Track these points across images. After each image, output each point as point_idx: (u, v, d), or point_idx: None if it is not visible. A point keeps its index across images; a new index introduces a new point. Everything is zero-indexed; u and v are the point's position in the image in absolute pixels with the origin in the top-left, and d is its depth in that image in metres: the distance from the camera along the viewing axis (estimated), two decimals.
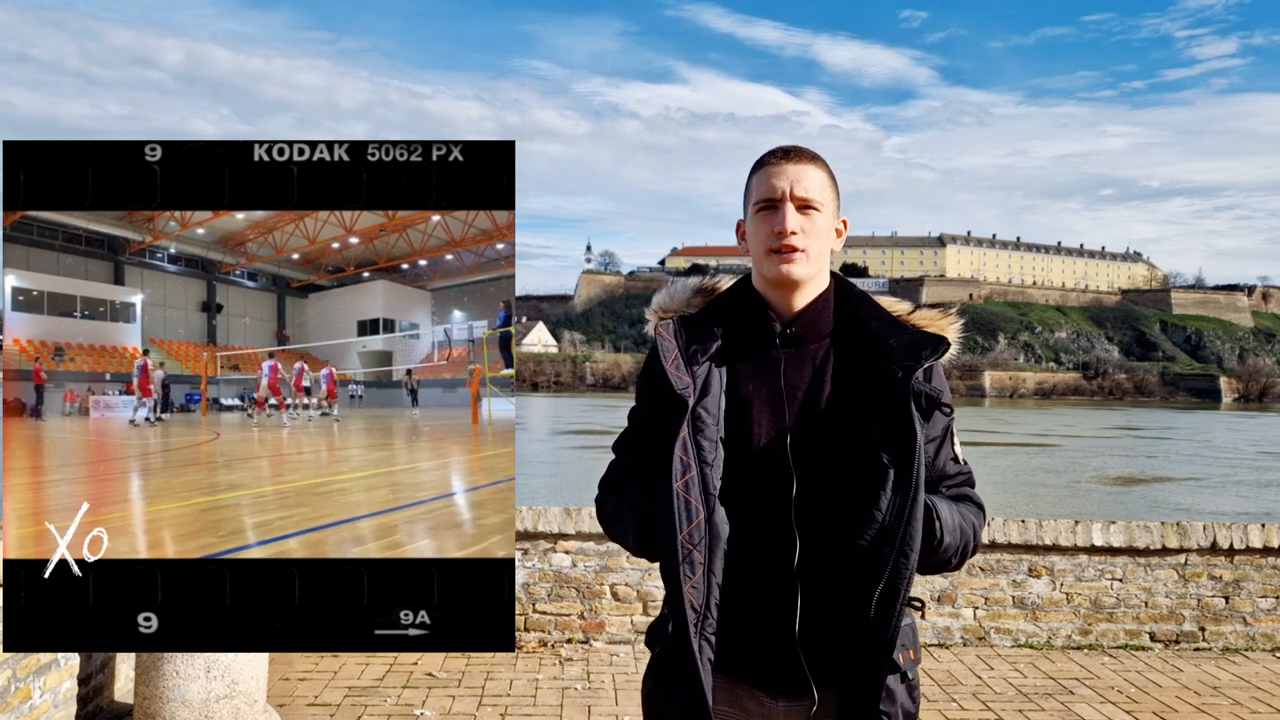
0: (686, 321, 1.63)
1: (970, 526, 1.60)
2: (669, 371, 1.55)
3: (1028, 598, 5.13)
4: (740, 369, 1.58)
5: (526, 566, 4.99)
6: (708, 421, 1.52)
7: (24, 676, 3.15)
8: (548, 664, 4.65)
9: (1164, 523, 5.20)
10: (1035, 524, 5.14)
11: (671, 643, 1.53)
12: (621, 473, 1.72)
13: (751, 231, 1.61)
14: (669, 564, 1.51)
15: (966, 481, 1.65)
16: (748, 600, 1.52)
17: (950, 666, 4.74)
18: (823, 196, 1.59)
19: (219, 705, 3.44)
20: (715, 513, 1.49)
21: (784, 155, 1.59)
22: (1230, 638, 5.18)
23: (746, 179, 1.64)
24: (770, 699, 1.55)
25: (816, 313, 1.60)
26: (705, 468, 1.50)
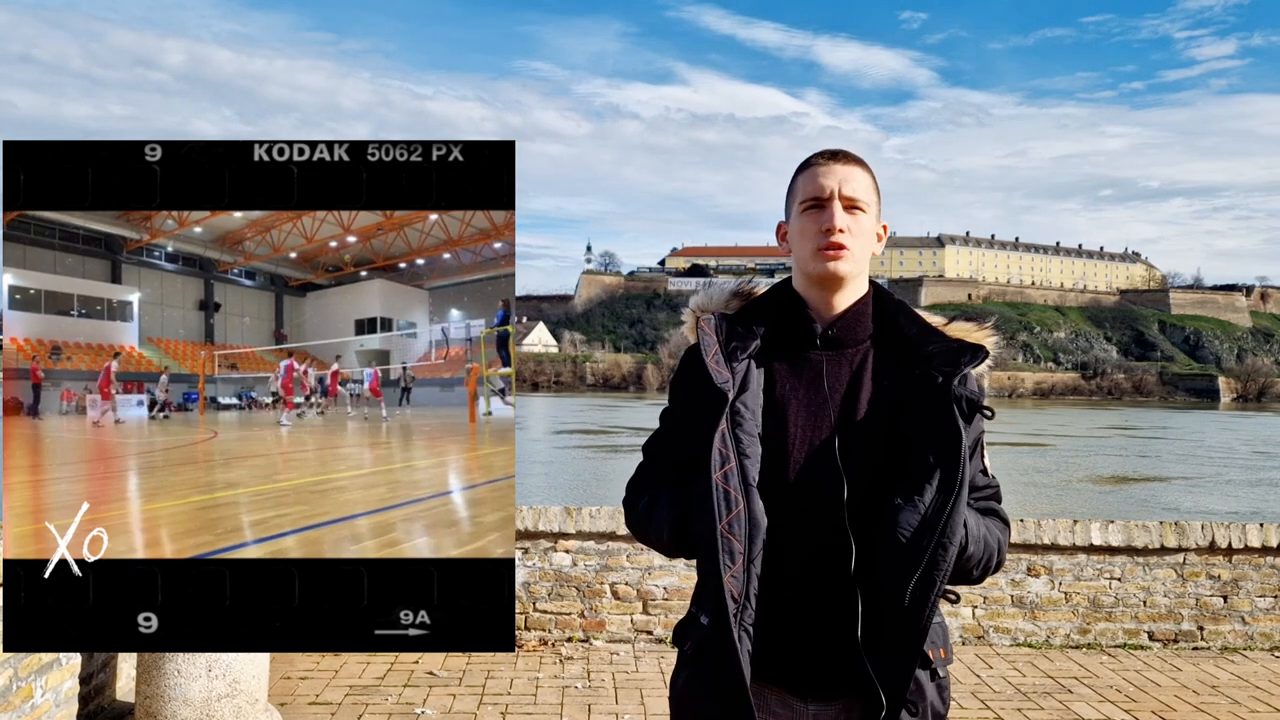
0: (727, 319, 1.63)
1: (995, 540, 1.60)
2: (709, 365, 1.56)
3: (1026, 597, 5.13)
4: (778, 369, 1.59)
5: (527, 566, 4.99)
6: (746, 417, 1.53)
7: (25, 676, 3.15)
8: (548, 663, 4.65)
9: (1162, 522, 5.21)
10: (1034, 524, 5.14)
11: (709, 634, 1.51)
12: (651, 473, 1.71)
13: (797, 230, 1.62)
14: (707, 554, 1.50)
15: (994, 496, 1.65)
16: (791, 602, 1.51)
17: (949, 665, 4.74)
18: (869, 198, 1.60)
19: (220, 704, 3.44)
20: (754, 504, 1.49)
21: (831, 156, 1.62)
22: (1229, 637, 5.19)
23: (791, 181, 1.66)
24: (800, 702, 1.54)
25: (856, 316, 1.61)
26: (744, 460, 1.50)
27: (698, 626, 1.57)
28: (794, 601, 1.51)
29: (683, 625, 1.63)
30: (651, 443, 1.73)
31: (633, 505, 1.70)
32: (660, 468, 1.69)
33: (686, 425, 1.61)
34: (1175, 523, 5.22)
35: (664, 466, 1.68)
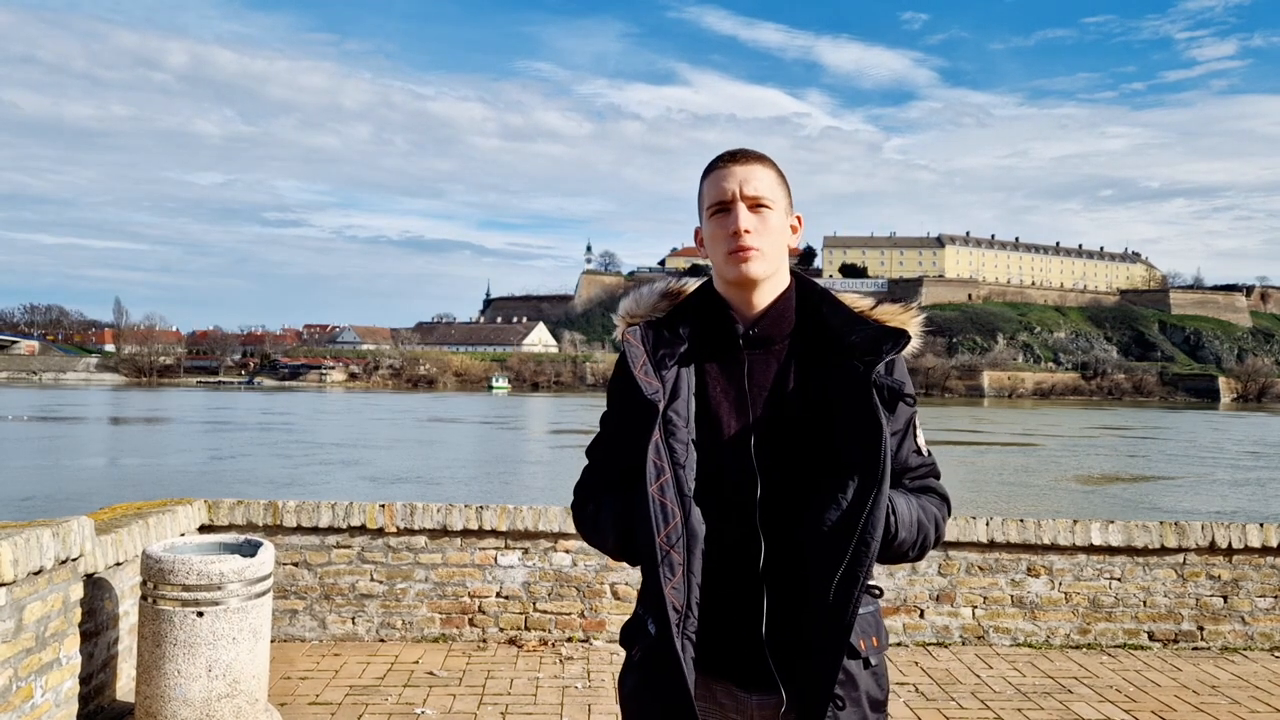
0: (653, 326, 1.64)
1: (931, 519, 1.62)
2: (638, 377, 1.57)
3: (1026, 597, 5.13)
4: (707, 370, 1.60)
5: (527, 566, 5.00)
6: (678, 424, 1.54)
7: (25, 676, 3.16)
8: (548, 663, 4.65)
9: (1162, 522, 5.21)
10: (1034, 523, 5.15)
11: (654, 643, 1.54)
12: (595, 477, 1.73)
13: (708, 235, 1.62)
14: (648, 566, 1.53)
15: (930, 473, 1.67)
16: (719, 599, 1.54)
17: (949, 665, 4.74)
18: (773, 194, 1.60)
19: (220, 704, 3.45)
20: (691, 514, 1.51)
21: (730, 158, 1.61)
22: (1229, 637, 5.19)
23: (699, 187, 1.65)
24: (744, 693, 1.57)
25: (779, 312, 1.61)
26: (679, 469, 1.52)
27: (644, 633, 1.58)
28: (724, 600, 1.54)
29: (630, 628, 1.65)
30: (593, 447, 1.75)
31: (581, 510, 1.72)
32: (602, 472, 1.71)
33: (622, 432, 1.62)
34: (1175, 523, 5.22)
35: (606, 471, 1.70)
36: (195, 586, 3.44)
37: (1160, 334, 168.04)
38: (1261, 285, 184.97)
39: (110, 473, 28.18)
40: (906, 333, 1.59)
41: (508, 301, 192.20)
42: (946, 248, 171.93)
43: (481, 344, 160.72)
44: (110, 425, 51.96)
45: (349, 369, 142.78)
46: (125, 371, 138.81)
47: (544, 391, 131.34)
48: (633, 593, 5.00)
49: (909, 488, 1.64)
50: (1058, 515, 5.40)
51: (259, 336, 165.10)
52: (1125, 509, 23.44)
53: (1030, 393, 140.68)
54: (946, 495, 1.69)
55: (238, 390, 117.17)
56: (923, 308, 1.72)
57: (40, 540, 3.15)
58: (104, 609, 3.72)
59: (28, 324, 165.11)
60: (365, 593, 4.93)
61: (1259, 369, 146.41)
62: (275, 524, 4.87)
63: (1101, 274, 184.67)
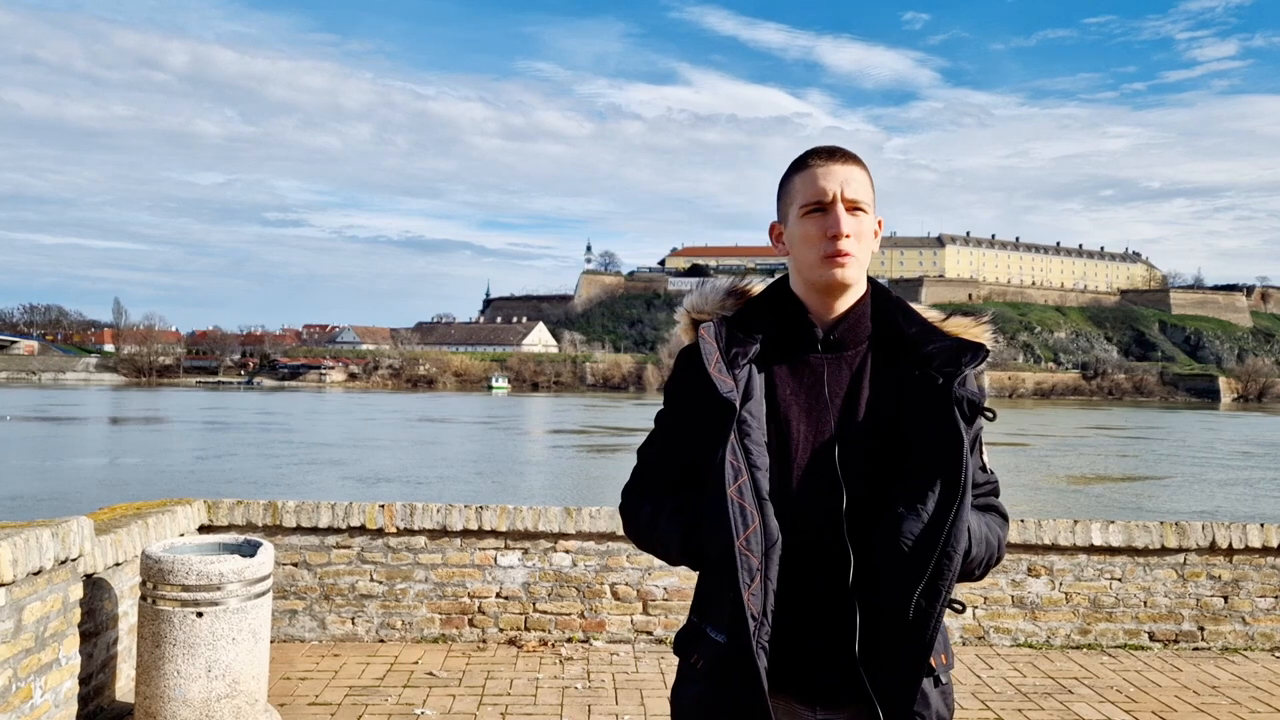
0: (726, 323, 1.58)
1: (995, 538, 1.59)
2: (712, 374, 1.50)
3: (1027, 597, 5.13)
4: (779, 373, 1.55)
5: (527, 566, 4.99)
6: (753, 426, 1.49)
7: (25, 676, 3.15)
8: (548, 663, 4.65)
9: (1163, 523, 5.21)
10: (1034, 523, 5.14)
11: (724, 652, 1.48)
12: (649, 478, 1.66)
13: (798, 235, 1.56)
14: (724, 570, 1.46)
15: (992, 491, 1.64)
16: (796, 613, 1.48)
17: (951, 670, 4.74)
18: (869, 197, 1.55)
19: (220, 705, 3.44)
20: (768, 518, 1.46)
21: (829, 155, 1.54)
22: (1229, 637, 5.18)
23: (783, 179, 1.59)
24: (807, 710, 1.51)
25: (857, 318, 1.57)
26: (756, 472, 1.47)
27: (708, 642, 1.53)
28: (798, 612, 1.48)
29: (688, 636, 1.59)
30: (648, 446, 1.69)
31: (634, 513, 1.65)
32: (658, 474, 1.65)
33: (686, 432, 1.57)
34: (1176, 523, 5.22)
35: (662, 473, 1.64)
36: (195, 587, 3.44)
37: (1161, 334, 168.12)
38: (1262, 285, 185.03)
39: (109, 473, 28.19)
40: (984, 346, 1.55)
41: (507, 301, 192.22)
42: (947, 248, 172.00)
43: (481, 344, 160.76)
44: (109, 425, 51.99)
45: (348, 369, 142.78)
46: (124, 371, 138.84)
47: (544, 391, 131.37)
48: (633, 592, 4.99)
49: (974, 505, 1.58)
50: (1054, 516, 5.39)
51: (258, 337, 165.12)
52: (1112, 509, 23.50)
53: (1031, 393, 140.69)
54: (1006, 515, 1.65)
55: (237, 390, 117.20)
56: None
57: (40, 540, 3.14)
58: (103, 609, 3.72)
59: (27, 324, 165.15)
60: (365, 593, 4.93)
61: (1259, 369, 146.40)
62: (275, 524, 4.87)
63: (1102, 274, 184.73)
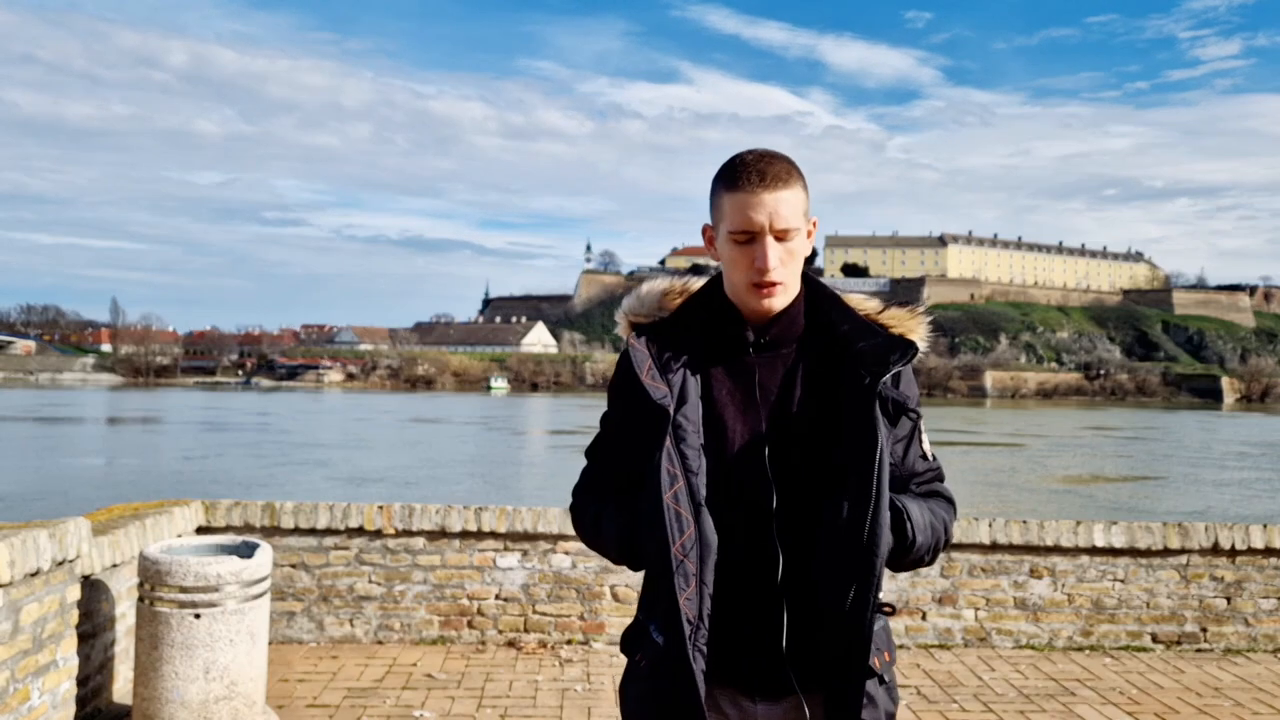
0: (658, 328, 1.61)
1: (941, 523, 1.62)
2: (645, 382, 1.53)
3: (1029, 599, 5.11)
4: (713, 374, 1.57)
5: (526, 567, 4.98)
6: (688, 430, 1.52)
7: (22, 677, 3.14)
8: (547, 665, 4.63)
9: (1165, 524, 5.19)
10: (1037, 525, 5.13)
11: (663, 654, 1.52)
12: (595, 480, 1.70)
13: (727, 258, 1.56)
14: (661, 576, 1.51)
15: (936, 477, 1.67)
16: (731, 610, 1.52)
17: (951, 668, 4.72)
18: (800, 220, 1.53)
19: (218, 706, 3.43)
20: (704, 524, 1.49)
21: (760, 180, 1.49)
22: (1232, 639, 5.16)
23: (714, 186, 1.56)
24: (750, 702, 1.55)
25: (789, 318, 1.58)
26: (691, 477, 1.50)
27: (650, 642, 1.56)
28: (736, 611, 1.52)
29: (632, 634, 1.63)
30: (593, 449, 1.72)
31: (581, 514, 1.69)
32: (604, 476, 1.68)
33: (626, 435, 1.60)
34: (1179, 524, 5.20)
35: (608, 474, 1.67)
36: (192, 588, 3.42)
37: (1163, 334, 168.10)
38: (1265, 285, 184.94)
39: (107, 474, 28.20)
40: (914, 344, 1.57)
41: (507, 301, 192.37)
42: (949, 247, 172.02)
43: (480, 344, 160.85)
44: (107, 426, 52.03)
45: (347, 369, 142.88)
46: (122, 372, 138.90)
47: (543, 392, 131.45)
48: (633, 595, 4.98)
49: (916, 493, 1.63)
50: (1050, 517, 5.38)
51: (256, 337, 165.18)
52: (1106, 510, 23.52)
53: (1033, 393, 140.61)
54: (952, 498, 1.69)
55: (235, 391, 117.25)
56: (928, 309, 1.70)
57: (37, 542, 3.13)
58: (101, 611, 3.70)
59: (24, 324, 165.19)
60: (363, 594, 4.92)
61: (1262, 369, 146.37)
62: (273, 525, 4.86)
63: (1104, 273, 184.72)
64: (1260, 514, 22.77)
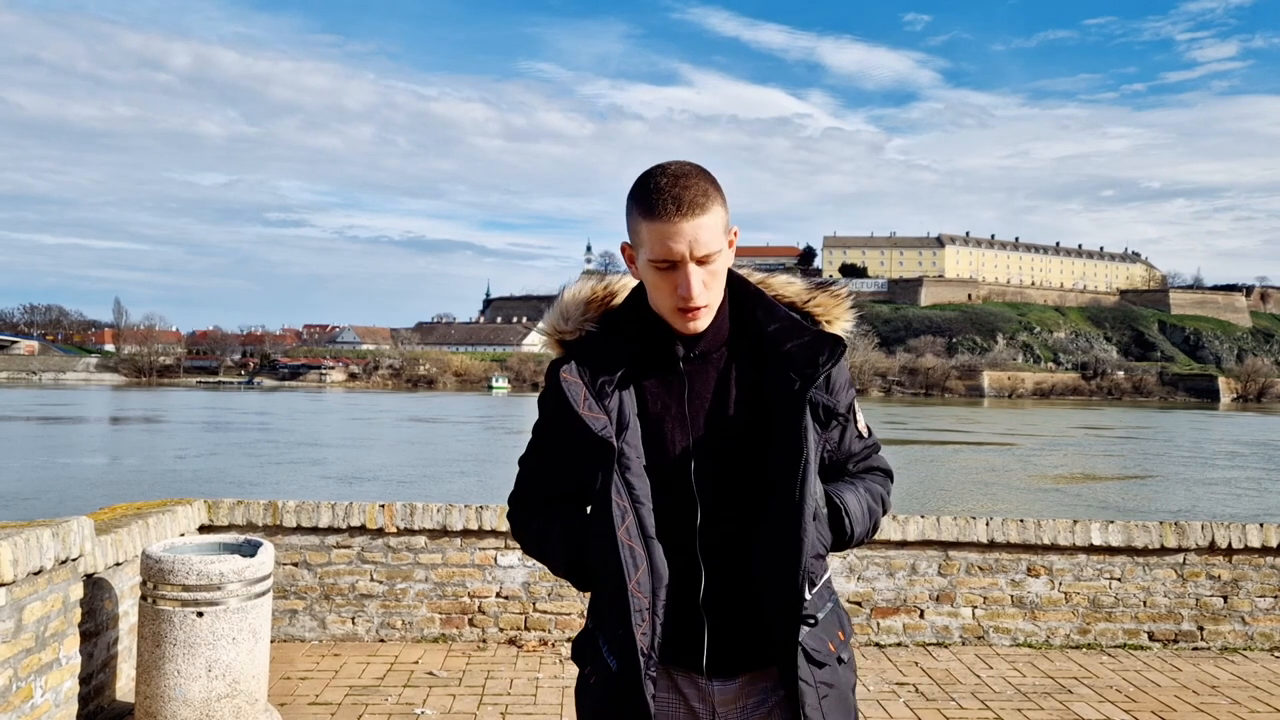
0: (585, 350, 1.55)
1: (878, 499, 1.63)
2: (583, 415, 1.48)
3: (1026, 597, 5.13)
4: (648, 386, 1.53)
5: (527, 566, 4.99)
6: (631, 457, 1.49)
7: (25, 676, 3.15)
8: (548, 663, 4.65)
9: (1162, 522, 5.21)
10: (1034, 524, 5.15)
11: (616, 680, 1.50)
12: (534, 489, 1.66)
13: (650, 282, 1.50)
14: (617, 609, 1.48)
15: (872, 452, 1.67)
16: (688, 621, 1.51)
17: (949, 665, 4.74)
18: (720, 241, 1.46)
19: (220, 704, 3.44)
20: (655, 556, 1.47)
21: (676, 210, 1.41)
22: (1229, 637, 5.18)
23: (629, 207, 1.49)
24: (704, 679, 1.53)
25: (715, 327, 1.54)
26: (640, 508, 1.47)
27: (601, 661, 1.53)
28: (688, 621, 1.51)
29: (584, 644, 1.60)
30: (527, 458, 1.67)
31: (523, 526, 1.66)
32: (540, 486, 1.65)
33: (563, 456, 1.58)
34: (1175, 523, 5.22)
35: (545, 485, 1.64)
36: (195, 587, 3.44)
37: (1160, 334, 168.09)
38: (1261, 285, 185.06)
39: (110, 473, 28.18)
40: (843, 341, 1.55)
41: (507, 301, 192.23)
42: (946, 248, 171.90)
43: (481, 344, 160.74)
44: (110, 425, 51.95)
45: (349, 369, 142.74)
46: (125, 371, 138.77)
47: None
48: None
49: (853, 471, 1.64)
50: (1039, 515, 5.40)
51: (259, 337, 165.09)
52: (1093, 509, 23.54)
53: (1030, 393, 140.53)
54: (889, 469, 1.69)
55: (237, 390, 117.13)
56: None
57: (40, 540, 3.14)
58: (104, 609, 3.72)
59: (27, 324, 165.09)
60: (365, 593, 4.93)
61: (1259, 369, 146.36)
62: (275, 524, 4.87)
63: (1101, 274, 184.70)
64: (1246, 513, 22.83)
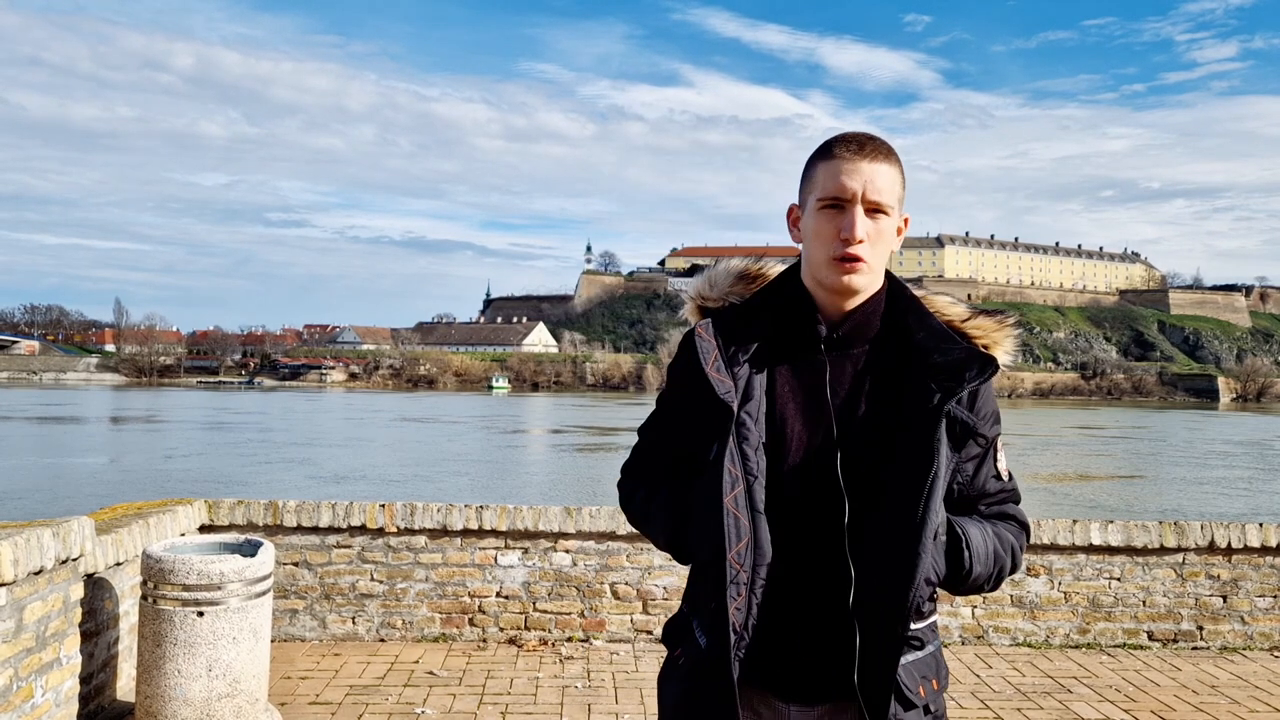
0: (724, 317, 1.53)
1: (1008, 549, 1.52)
2: (710, 375, 1.45)
3: (1026, 596, 5.14)
4: (780, 369, 1.48)
5: (527, 566, 5.00)
6: (750, 428, 1.44)
7: (26, 675, 3.16)
8: (548, 662, 4.65)
9: (1162, 522, 5.21)
10: (1034, 523, 5.15)
11: (705, 657, 1.46)
12: (647, 460, 1.64)
13: (811, 230, 1.47)
14: (712, 579, 1.44)
15: (1009, 498, 1.56)
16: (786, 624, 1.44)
17: (949, 665, 4.74)
18: (894, 199, 1.45)
19: (221, 704, 3.45)
20: (761, 531, 1.42)
21: (859, 148, 1.43)
22: (1228, 637, 5.19)
23: (808, 163, 1.49)
24: (783, 704, 1.48)
25: (865, 315, 1.48)
26: (751, 480, 1.42)
27: (693, 642, 1.50)
28: (789, 624, 1.44)
29: (676, 627, 1.57)
30: (648, 428, 1.65)
31: (630, 495, 1.64)
32: (656, 457, 1.63)
33: (683, 420, 1.54)
34: (1175, 523, 5.22)
35: (660, 456, 1.62)
36: (195, 586, 3.44)
37: (1160, 334, 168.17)
38: (1261, 285, 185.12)
39: (110, 472, 28.18)
40: (994, 360, 1.46)
41: (508, 301, 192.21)
42: (946, 248, 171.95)
43: (481, 344, 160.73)
44: (110, 425, 51.96)
45: (349, 369, 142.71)
46: (125, 371, 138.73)
47: (544, 391, 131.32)
48: (633, 592, 5.00)
49: (984, 514, 1.53)
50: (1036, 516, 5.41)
51: (259, 336, 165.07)
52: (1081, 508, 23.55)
53: (1030, 393, 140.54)
54: (1026, 522, 1.58)
55: (237, 390, 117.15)
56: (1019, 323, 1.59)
57: (40, 540, 3.15)
58: (104, 609, 3.72)
59: (28, 324, 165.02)
60: (365, 592, 4.94)
61: (1258, 369, 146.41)
62: (275, 524, 4.88)
63: (1101, 274, 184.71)
64: (1240, 511, 22.84)
